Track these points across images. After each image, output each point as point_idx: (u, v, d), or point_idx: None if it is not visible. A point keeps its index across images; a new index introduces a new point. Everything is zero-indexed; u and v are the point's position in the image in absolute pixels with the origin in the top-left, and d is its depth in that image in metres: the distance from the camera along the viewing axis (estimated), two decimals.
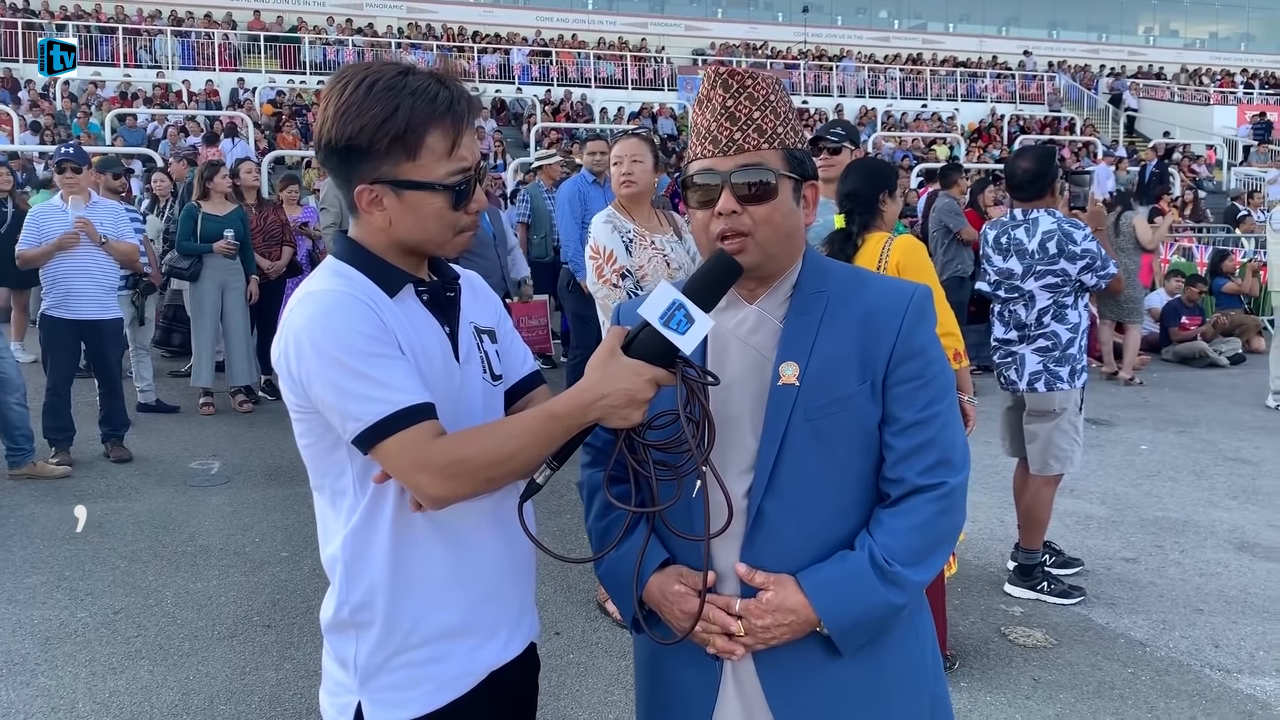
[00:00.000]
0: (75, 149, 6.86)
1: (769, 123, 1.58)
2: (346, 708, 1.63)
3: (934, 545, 1.57)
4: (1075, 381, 4.39)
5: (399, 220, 1.57)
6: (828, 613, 1.52)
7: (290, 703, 3.60)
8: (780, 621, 1.53)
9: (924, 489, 1.56)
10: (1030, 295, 4.38)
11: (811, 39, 36.92)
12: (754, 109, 1.57)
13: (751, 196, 1.56)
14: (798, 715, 1.58)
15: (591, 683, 3.75)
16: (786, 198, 1.58)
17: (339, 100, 1.52)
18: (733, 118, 1.58)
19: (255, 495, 5.97)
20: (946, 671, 3.75)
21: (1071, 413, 4.41)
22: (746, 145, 1.57)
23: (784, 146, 1.59)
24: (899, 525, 1.55)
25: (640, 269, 4.10)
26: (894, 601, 1.54)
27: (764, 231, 1.57)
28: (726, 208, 1.56)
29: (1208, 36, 44.18)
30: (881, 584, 1.52)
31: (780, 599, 1.53)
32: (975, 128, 29.66)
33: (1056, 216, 4.40)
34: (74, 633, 4.16)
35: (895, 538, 1.54)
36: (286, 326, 1.53)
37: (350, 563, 1.59)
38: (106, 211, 6.67)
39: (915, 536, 1.55)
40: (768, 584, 1.54)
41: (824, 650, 1.57)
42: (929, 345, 1.60)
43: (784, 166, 1.58)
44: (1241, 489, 6.21)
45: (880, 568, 1.53)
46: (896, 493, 1.57)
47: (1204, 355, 10.67)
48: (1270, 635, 4.16)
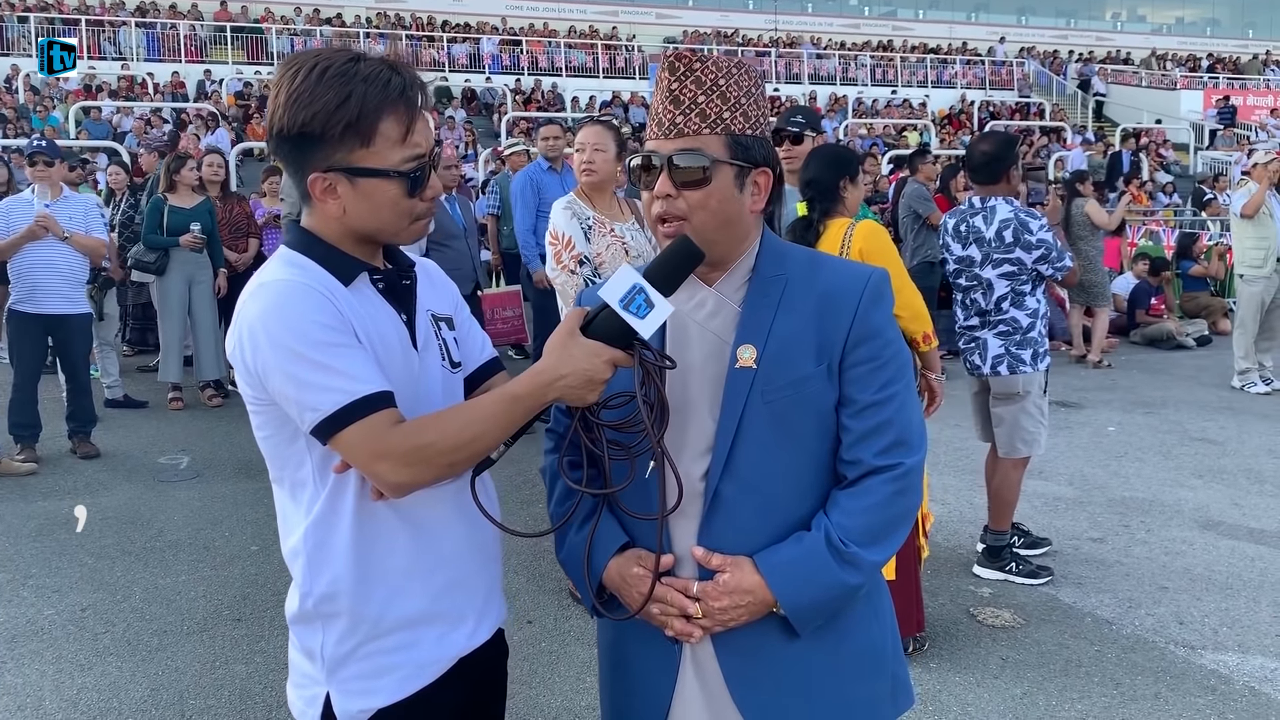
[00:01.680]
0: (49, 143, 6.80)
1: (714, 107, 1.56)
2: (315, 699, 1.62)
3: (890, 525, 1.58)
4: (1038, 365, 4.43)
5: (353, 208, 1.56)
6: (784, 593, 1.53)
7: (261, 696, 3.59)
8: (737, 603, 1.54)
9: (880, 470, 1.56)
10: (989, 283, 4.43)
11: (782, 26, 36.94)
12: (699, 93, 1.56)
13: (688, 181, 1.56)
14: (757, 698, 1.59)
15: (564, 670, 3.76)
16: (725, 184, 1.57)
17: (290, 87, 1.51)
18: (676, 101, 1.57)
19: (225, 489, 5.93)
20: (916, 653, 3.79)
21: (1036, 395, 4.45)
22: (687, 129, 1.56)
23: (729, 132, 1.57)
24: (855, 506, 1.56)
25: (598, 255, 4.11)
26: (849, 582, 1.55)
27: (699, 217, 1.57)
28: (661, 191, 1.57)
29: (1174, 21, 44.59)
30: (837, 564, 1.53)
31: (737, 580, 1.54)
32: (945, 114, 29.78)
33: (1014, 205, 4.44)
34: (41, 630, 4.12)
35: (851, 518, 1.55)
36: (241, 318, 1.52)
37: (313, 554, 1.58)
38: (77, 205, 6.57)
39: (871, 517, 1.55)
40: (724, 566, 1.55)
41: (782, 632, 1.57)
42: (885, 327, 1.61)
43: (725, 153, 1.56)
44: (1207, 468, 6.30)
45: (836, 548, 1.53)
46: (853, 474, 1.58)
47: (1171, 337, 10.80)
48: (1233, 611, 4.23)
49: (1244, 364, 8.65)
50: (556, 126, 7.10)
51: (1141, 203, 15.23)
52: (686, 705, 1.63)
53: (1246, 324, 8.61)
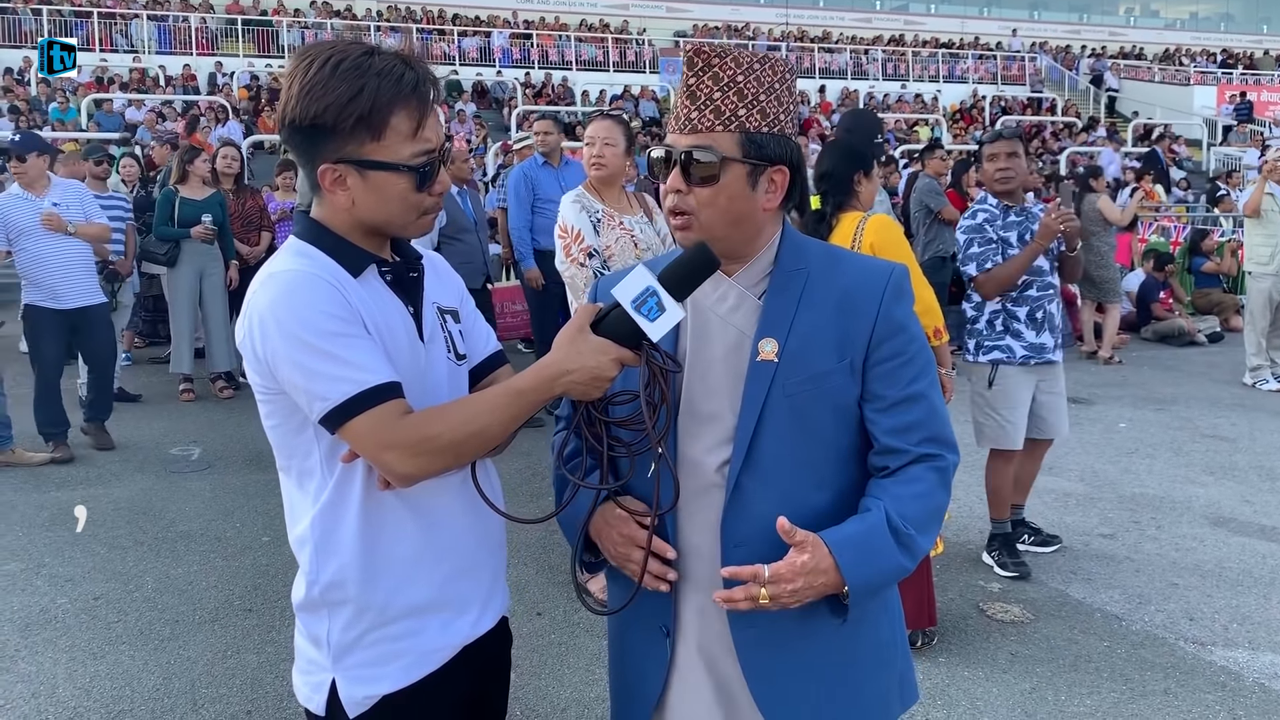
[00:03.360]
0: (23, 136, 6.61)
1: (729, 104, 1.56)
2: (321, 685, 1.63)
3: (936, 514, 1.59)
4: (980, 356, 4.51)
5: (362, 200, 1.57)
6: (851, 571, 1.49)
7: (272, 685, 3.61)
8: (810, 584, 1.49)
9: (925, 458, 1.58)
10: None
11: (794, 20, 36.84)
12: (715, 89, 1.56)
13: (699, 177, 1.57)
14: (773, 690, 1.59)
15: (573, 662, 3.77)
16: (735, 182, 1.57)
17: (304, 79, 1.52)
18: (693, 96, 1.58)
19: (236, 480, 5.96)
20: (925, 647, 3.79)
21: (980, 387, 4.53)
22: (700, 126, 1.57)
23: (743, 130, 1.56)
24: (906, 493, 1.56)
25: (608, 248, 4.12)
26: (905, 565, 1.55)
27: (707, 214, 1.58)
28: (672, 186, 1.59)
29: (1188, 16, 44.31)
30: (898, 546, 1.53)
31: (815, 560, 1.48)
32: (957, 109, 29.67)
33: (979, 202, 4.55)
34: (54, 619, 4.15)
35: (905, 505, 1.55)
36: (250, 308, 1.53)
37: (320, 542, 1.60)
38: (71, 193, 6.41)
39: (922, 504, 1.56)
40: (806, 544, 1.50)
41: (800, 623, 1.57)
42: (908, 323, 1.61)
43: (737, 150, 1.56)
44: (1218, 465, 6.27)
45: (897, 530, 1.53)
46: (896, 463, 1.58)
47: (1183, 333, 10.75)
48: (1243, 608, 4.22)
49: (1256, 360, 8.62)
50: (550, 121, 7.02)
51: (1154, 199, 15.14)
52: (682, 699, 1.64)
53: (1256, 320, 8.59)
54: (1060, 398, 4.60)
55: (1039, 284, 4.44)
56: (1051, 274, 4.50)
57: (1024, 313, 4.44)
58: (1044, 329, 4.45)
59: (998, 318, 4.48)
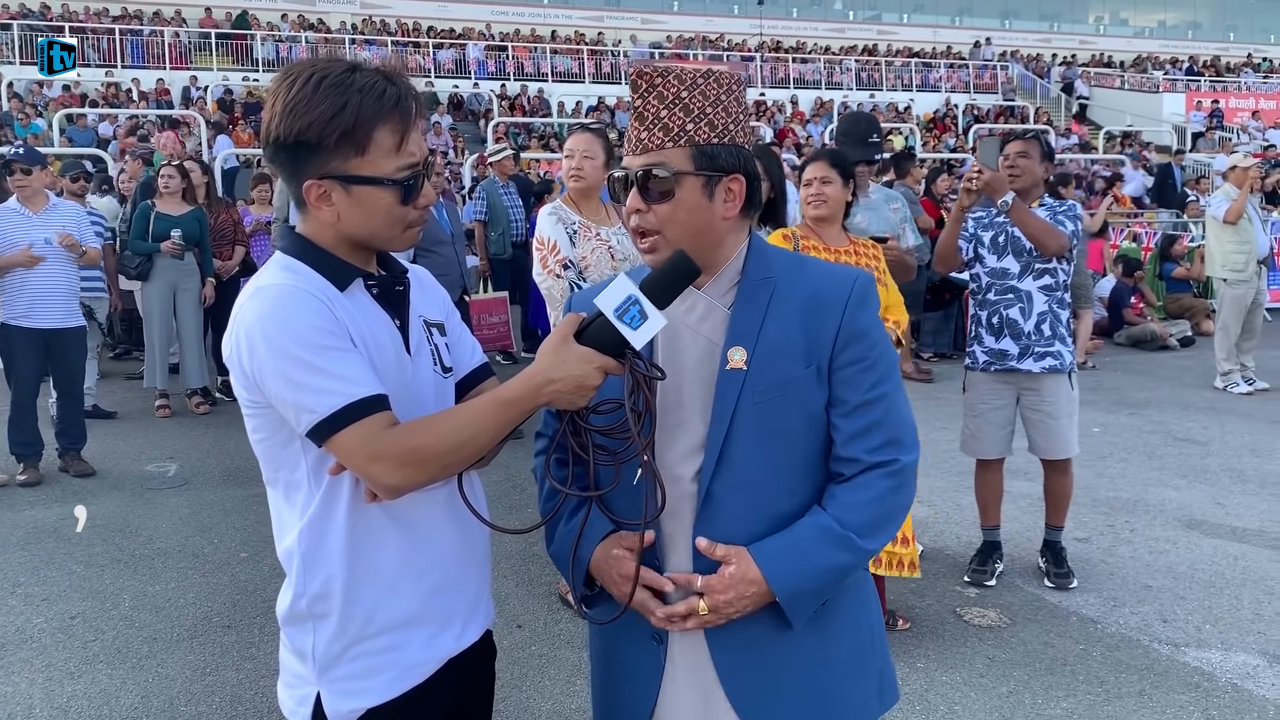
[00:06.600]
0: (27, 149, 6.61)
1: (677, 120, 1.59)
2: (305, 699, 1.64)
3: (886, 519, 1.61)
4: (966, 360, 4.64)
5: (347, 215, 1.58)
6: (775, 578, 1.56)
7: (252, 702, 3.60)
8: (742, 594, 1.56)
9: (877, 466, 1.60)
10: None
11: (767, 31, 37.06)
12: (661, 108, 1.60)
13: (655, 194, 1.60)
14: (750, 692, 1.62)
15: (554, 674, 3.78)
16: (691, 195, 1.60)
17: (287, 96, 1.53)
18: (641, 117, 1.61)
19: (213, 497, 5.93)
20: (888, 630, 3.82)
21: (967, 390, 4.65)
22: (651, 144, 1.60)
23: (692, 143, 1.59)
24: (853, 500, 1.60)
25: (584, 259, 4.15)
26: (840, 561, 1.58)
27: (671, 230, 1.61)
28: (632, 206, 1.63)
29: (1156, 25, 44.87)
30: (829, 544, 1.57)
31: (742, 572, 1.56)
32: (930, 117, 29.92)
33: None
34: (30, 638, 4.11)
35: (849, 511, 1.59)
36: (237, 322, 1.54)
37: (307, 555, 1.60)
38: (68, 215, 6.37)
39: (869, 510, 1.59)
40: (729, 557, 1.58)
41: (775, 625, 1.60)
42: (872, 328, 1.64)
43: (689, 164, 1.59)
44: (1190, 468, 6.35)
45: (829, 530, 1.57)
46: (850, 471, 1.61)
47: (1155, 338, 10.88)
48: (1215, 609, 4.27)
49: (1226, 365, 8.73)
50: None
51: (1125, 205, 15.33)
52: (673, 704, 1.66)
53: (1229, 327, 8.68)
54: (1047, 416, 4.41)
55: (998, 288, 4.39)
56: (1020, 279, 4.35)
57: (984, 317, 4.46)
58: (1003, 335, 4.37)
59: (973, 323, 4.56)
